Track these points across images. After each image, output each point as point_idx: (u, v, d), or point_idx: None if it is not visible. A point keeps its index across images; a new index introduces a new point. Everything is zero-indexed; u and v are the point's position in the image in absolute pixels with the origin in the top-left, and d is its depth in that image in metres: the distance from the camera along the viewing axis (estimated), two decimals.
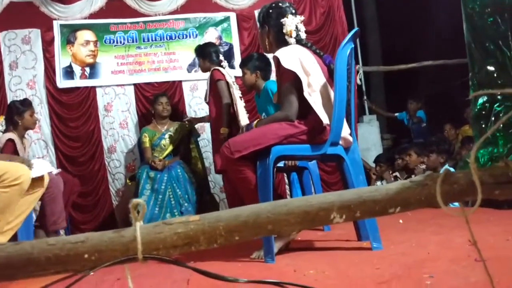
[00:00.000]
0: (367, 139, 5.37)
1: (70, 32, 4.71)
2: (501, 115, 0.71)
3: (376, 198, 0.77)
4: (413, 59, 6.72)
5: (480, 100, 0.75)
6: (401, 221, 2.93)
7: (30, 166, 2.36)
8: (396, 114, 6.36)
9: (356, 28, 2.31)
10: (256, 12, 4.91)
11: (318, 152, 2.08)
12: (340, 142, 2.12)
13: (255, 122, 2.37)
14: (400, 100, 6.71)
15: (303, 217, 0.75)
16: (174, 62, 4.84)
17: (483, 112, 0.76)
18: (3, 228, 2.17)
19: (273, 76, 3.72)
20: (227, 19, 4.97)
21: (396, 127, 7.32)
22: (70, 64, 4.66)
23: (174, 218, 0.74)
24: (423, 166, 4.13)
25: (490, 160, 0.74)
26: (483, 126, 0.75)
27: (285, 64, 2.13)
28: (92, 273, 0.68)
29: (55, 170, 3.47)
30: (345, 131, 2.16)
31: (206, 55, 3.93)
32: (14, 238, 2.32)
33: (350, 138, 2.17)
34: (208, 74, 3.85)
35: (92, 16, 4.77)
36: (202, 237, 0.72)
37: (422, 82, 8.63)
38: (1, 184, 2.12)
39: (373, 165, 5.14)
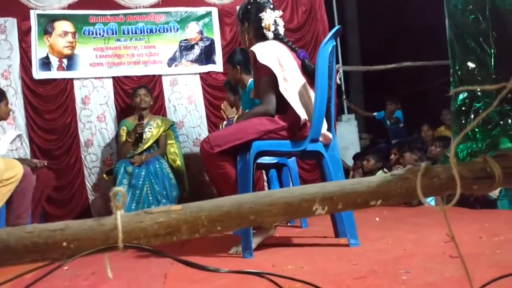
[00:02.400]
0: (345, 138, 5.43)
1: (47, 22, 4.60)
2: (480, 111, 0.73)
3: (358, 190, 0.77)
4: (392, 60, 6.81)
5: (461, 96, 0.76)
6: (377, 219, 2.97)
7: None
8: (375, 113, 6.44)
9: (338, 26, 2.33)
10: (238, 8, 4.92)
11: (298, 148, 2.09)
12: (320, 139, 2.13)
13: (235, 117, 2.37)
14: (378, 100, 6.79)
15: (286, 208, 0.75)
16: (154, 56, 4.79)
17: (463, 108, 0.78)
18: None
19: None
20: (209, 14, 4.94)
21: (373, 127, 7.41)
22: (47, 55, 4.56)
23: (155, 208, 0.73)
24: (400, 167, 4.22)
25: (469, 155, 0.75)
26: (463, 121, 0.77)
27: (261, 59, 2.14)
28: (69, 261, 0.67)
29: (15, 133, 3.34)
30: (324, 128, 2.17)
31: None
32: None
33: (330, 135, 2.18)
34: None
35: (71, 6, 4.67)
36: (184, 226, 0.71)
37: (400, 82, 8.76)
38: None
39: (351, 163, 5.21)
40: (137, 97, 4.28)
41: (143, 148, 4.20)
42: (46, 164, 3.45)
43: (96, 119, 4.59)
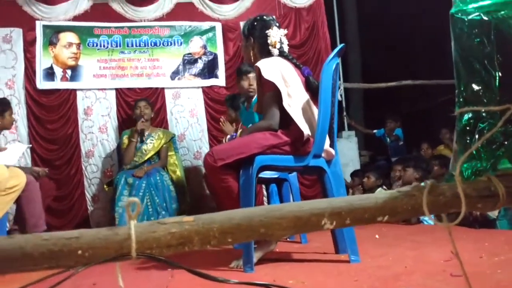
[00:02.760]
0: (345, 155, 5.44)
1: (53, 33, 4.66)
2: (485, 131, 0.75)
3: (366, 206, 0.79)
4: (393, 78, 6.87)
5: (466, 117, 0.78)
6: (377, 236, 2.97)
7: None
8: (375, 131, 6.47)
9: (342, 45, 2.37)
10: (242, 23, 4.99)
11: (301, 163, 2.11)
12: (323, 155, 2.15)
13: (238, 132, 2.39)
14: (378, 117, 6.83)
15: (295, 221, 0.76)
16: (157, 69, 4.83)
17: (468, 128, 0.79)
18: None
19: None
20: (212, 28, 5.00)
21: (373, 144, 7.44)
22: (52, 65, 4.61)
23: (168, 218, 0.75)
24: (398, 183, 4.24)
25: (474, 174, 0.77)
26: (468, 141, 0.79)
27: (266, 74, 2.17)
28: (84, 269, 0.68)
29: (25, 146, 3.38)
30: (327, 144, 2.20)
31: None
32: None
33: (333, 151, 2.20)
34: None
35: (76, 18, 4.74)
36: (196, 237, 0.73)
37: (400, 100, 8.82)
38: None
39: (349, 180, 5.22)
40: (137, 109, 4.32)
41: (144, 160, 4.22)
42: (47, 172, 3.46)
43: (97, 130, 4.62)
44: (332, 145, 2.24)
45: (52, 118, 4.53)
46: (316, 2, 5.16)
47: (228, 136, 3.45)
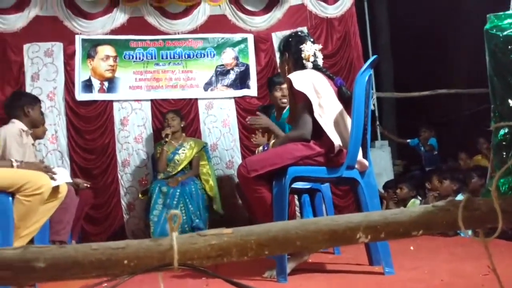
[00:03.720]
0: (378, 165, 5.37)
1: (91, 46, 4.83)
2: None
3: (401, 220, 0.80)
4: (426, 86, 6.76)
5: (502, 132, 0.78)
6: (412, 248, 2.93)
7: (51, 172, 2.39)
8: (408, 140, 6.37)
9: (375, 56, 2.37)
10: (273, 35, 5.05)
11: (334, 175, 2.12)
12: (356, 166, 2.15)
13: (271, 143, 2.42)
14: (411, 127, 6.73)
15: (331, 235, 0.78)
16: (191, 80, 4.93)
17: (504, 143, 0.79)
18: (21, 234, 2.22)
19: None
20: (244, 40, 5.07)
21: (407, 153, 7.32)
22: (90, 77, 4.77)
23: (208, 230, 0.78)
24: (434, 193, 4.16)
25: (510, 189, 0.76)
26: (504, 156, 0.78)
27: (297, 86, 2.20)
28: (129, 278, 0.72)
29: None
30: (360, 155, 2.20)
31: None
32: (30, 243, 2.36)
33: (366, 162, 2.20)
34: None
35: (113, 31, 4.89)
36: (234, 249, 0.75)
37: (434, 109, 8.66)
38: (23, 193, 2.17)
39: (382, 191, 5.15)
40: (165, 121, 4.42)
41: (177, 170, 4.30)
42: (88, 186, 3.57)
43: (133, 140, 4.74)
44: (365, 156, 2.24)
45: (90, 128, 4.68)
46: (348, 12, 5.15)
47: (260, 148, 3.48)
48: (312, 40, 2.43)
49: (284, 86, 3.43)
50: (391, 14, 9.09)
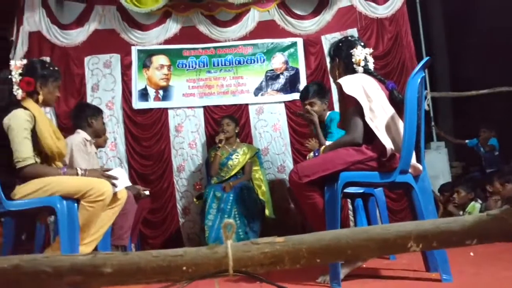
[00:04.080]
0: (435, 167, 5.22)
1: (146, 56, 5.02)
2: None
3: (454, 229, 0.80)
4: (484, 85, 6.49)
5: None
6: (471, 253, 2.83)
7: (112, 179, 2.52)
8: (467, 141, 6.14)
9: (427, 57, 2.32)
10: (323, 37, 5.04)
11: (387, 179, 2.10)
12: (410, 170, 2.12)
13: (321, 148, 2.43)
14: (469, 127, 6.48)
15: (382, 244, 0.79)
16: (241, 86, 5.01)
17: None
18: (86, 240, 2.36)
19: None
20: (294, 44, 5.09)
21: (465, 154, 7.05)
22: (145, 86, 4.96)
23: (261, 238, 0.81)
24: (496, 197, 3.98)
25: None
26: None
27: (347, 90, 2.19)
28: (188, 283, 0.76)
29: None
30: (413, 159, 2.16)
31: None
32: (94, 249, 2.49)
33: (420, 166, 2.16)
34: None
35: (166, 41, 5.05)
36: (286, 257, 0.78)
37: (494, 108, 8.28)
38: (87, 199, 2.31)
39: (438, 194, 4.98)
40: (220, 126, 4.52)
41: (230, 175, 4.39)
42: (148, 194, 3.72)
43: (187, 146, 4.88)
44: (419, 160, 2.19)
45: (146, 135, 4.87)
46: (399, 11, 5.05)
47: (311, 154, 3.47)
48: (362, 44, 2.42)
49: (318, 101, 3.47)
50: (446, 10, 8.79)
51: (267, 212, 4.27)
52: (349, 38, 2.48)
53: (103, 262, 0.77)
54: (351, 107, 2.23)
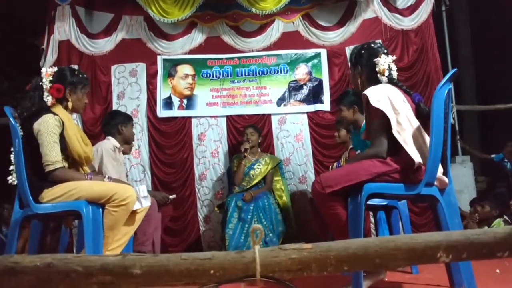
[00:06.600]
0: (459, 181, 5.12)
1: (171, 66, 5.10)
2: None
3: (484, 241, 0.79)
4: (511, 98, 6.36)
5: None
6: (498, 270, 2.76)
7: (143, 197, 2.57)
8: (492, 155, 6.02)
9: (454, 69, 2.29)
10: (347, 49, 5.02)
11: (412, 192, 2.07)
12: (435, 183, 2.09)
13: (342, 159, 2.41)
14: (496, 140, 6.35)
15: (410, 253, 0.78)
16: (264, 96, 5.04)
17: None
18: (111, 245, 2.39)
19: None
20: (317, 55, 5.10)
21: (491, 169, 6.90)
22: (170, 95, 5.03)
23: (288, 244, 0.81)
24: None
25: None
26: None
27: (374, 102, 2.16)
28: (216, 286, 0.77)
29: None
30: (439, 172, 2.13)
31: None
32: None
33: (446, 180, 2.13)
34: None
35: (191, 51, 5.13)
36: (314, 264, 0.78)
37: None
38: (111, 204, 2.35)
39: (466, 209, 4.88)
40: (244, 136, 4.53)
41: (252, 184, 4.39)
42: (175, 196, 3.76)
43: (210, 155, 4.91)
44: (445, 173, 2.16)
45: (170, 143, 4.92)
46: (425, 23, 5.01)
47: (334, 165, 3.46)
48: (385, 51, 2.37)
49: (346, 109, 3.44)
50: (473, 21, 8.69)
51: (287, 222, 4.25)
52: (372, 45, 2.42)
53: (133, 263, 0.78)
54: (377, 120, 2.20)
